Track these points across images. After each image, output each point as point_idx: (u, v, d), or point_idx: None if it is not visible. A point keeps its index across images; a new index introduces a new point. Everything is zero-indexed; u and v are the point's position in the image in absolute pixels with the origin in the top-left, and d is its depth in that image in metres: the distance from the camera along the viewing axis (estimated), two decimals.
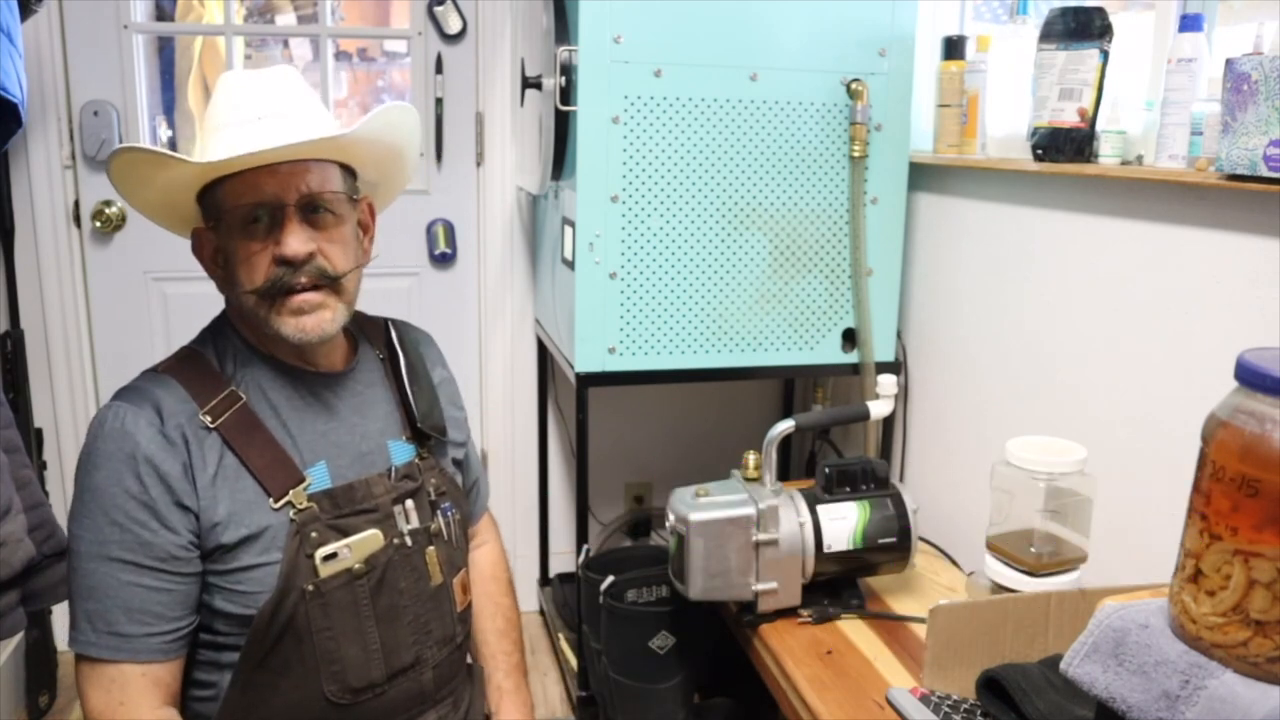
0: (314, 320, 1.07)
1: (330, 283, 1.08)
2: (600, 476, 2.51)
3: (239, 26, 2.27)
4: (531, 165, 2.04)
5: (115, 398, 1.07)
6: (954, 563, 1.67)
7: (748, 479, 1.41)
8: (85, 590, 1.03)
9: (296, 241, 1.04)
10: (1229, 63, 1.14)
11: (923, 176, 1.89)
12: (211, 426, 1.05)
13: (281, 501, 1.06)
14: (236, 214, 1.05)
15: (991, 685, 1.05)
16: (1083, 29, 1.45)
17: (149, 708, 1.03)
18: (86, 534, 1.03)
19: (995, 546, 1.35)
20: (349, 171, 1.14)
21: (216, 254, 1.11)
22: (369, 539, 1.10)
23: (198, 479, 1.04)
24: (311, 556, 1.06)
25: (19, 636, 2.04)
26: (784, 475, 1.50)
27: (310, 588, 1.05)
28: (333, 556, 1.07)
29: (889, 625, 1.39)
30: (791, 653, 1.31)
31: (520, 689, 1.33)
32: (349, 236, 1.12)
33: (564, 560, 2.55)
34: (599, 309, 1.76)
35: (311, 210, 1.07)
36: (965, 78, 1.77)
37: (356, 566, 1.09)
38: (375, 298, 1.16)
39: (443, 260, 2.38)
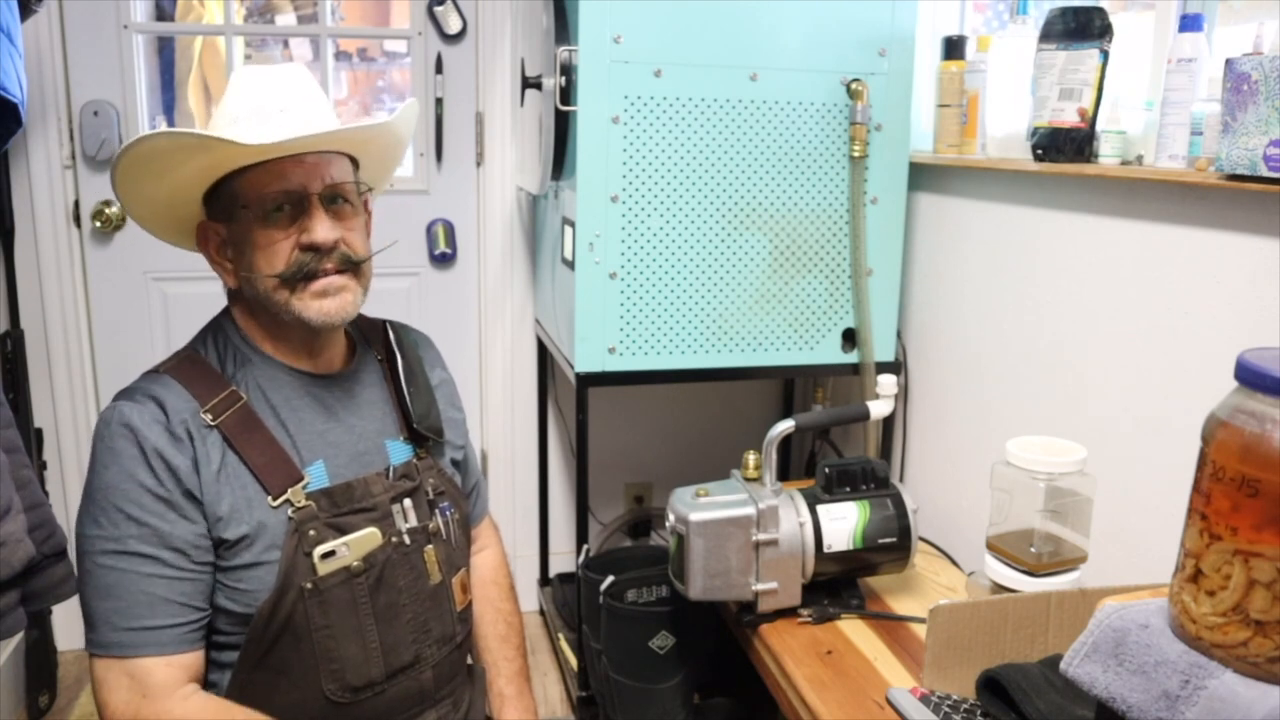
0: (337, 303, 1.09)
1: (353, 268, 1.11)
2: (600, 476, 2.51)
3: (239, 26, 2.27)
4: (531, 165, 2.04)
5: (117, 398, 1.07)
6: (954, 563, 1.67)
7: (748, 479, 1.41)
8: (103, 589, 1.02)
9: (324, 229, 1.07)
10: (1229, 63, 1.14)
11: (923, 176, 1.89)
12: (212, 424, 1.06)
13: (280, 500, 1.06)
14: (262, 203, 1.07)
15: (991, 685, 1.05)
16: (1083, 29, 1.45)
17: (180, 698, 1.02)
18: (102, 532, 1.02)
19: (995, 546, 1.35)
20: (355, 166, 1.17)
21: (224, 246, 1.12)
22: (367, 537, 1.10)
23: (203, 473, 1.04)
24: (310, 555, 1.06)
25: (19, 636, 2.04)
26: (784, 475, 1.50)
27: (309, 586, 1.06)
28: (331, 554, 1.07)
29: (889, 625, 1.39)
30: (791, 653, 1.31)
31: (523, 694, 1.33)
32: (364, 225, 1.15)
33: (564, 560, 2.55)
34: (599, 309, 1.76)
35: (332, 200, 1.10)
36: (965, 78, 1.77)
37: (355, 565, 1.09)
38: (375, 298, 1.17)
39: (443, 260, 2.38)
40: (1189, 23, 1.32)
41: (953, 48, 1.80)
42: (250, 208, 1.07)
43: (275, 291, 1.08)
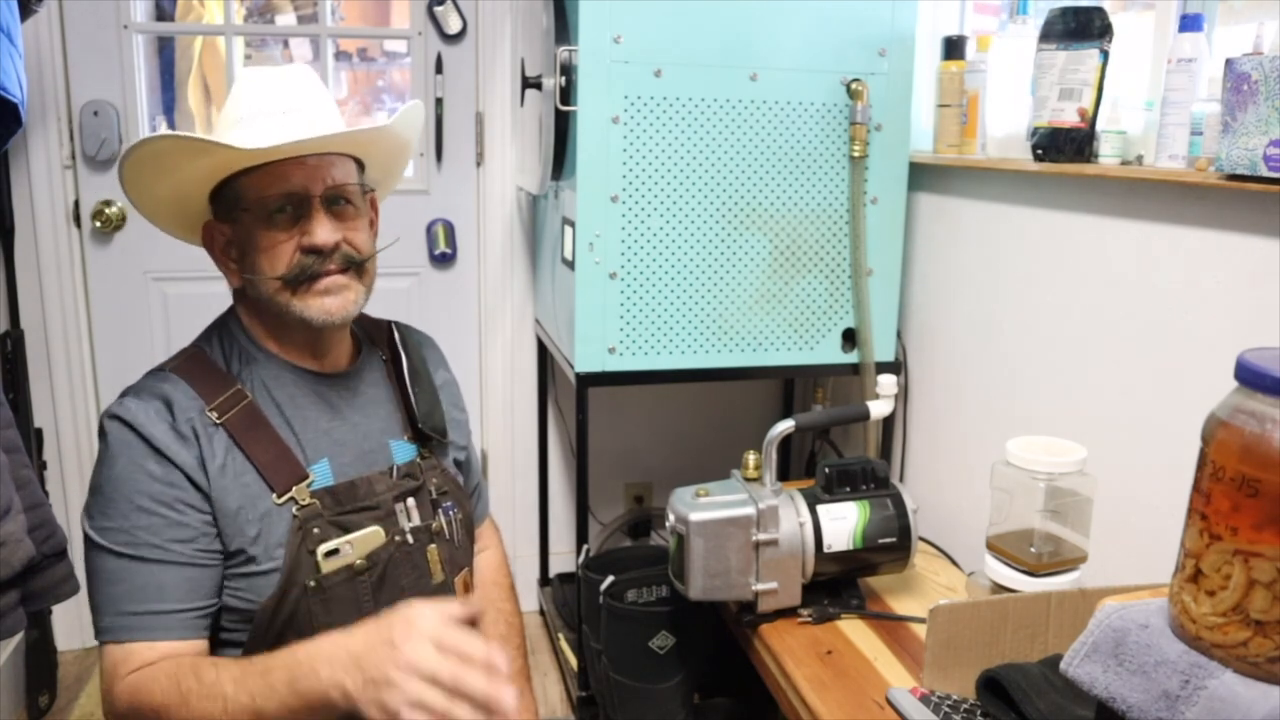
0: (339, 301, 1.10)
1: (356, 266, 1.12)
2: (600, 476, 2.51)
3: (239, 26, 2.27)
4: (531, 165, 2.04)
5: (123, 396, 1.07)
6: (954, 563, 1.67)
7: (748, 479, 1.41)
8: (111, 576, 1.02)
9: (325, 231, 1.07)
10: (1229, 63, 1.14)
11: (923, 176, 1.89)
12: (218, 422, 1.06)
13: (285, 498, 1.07)
14: (263, 205, 1.07)
15: (991, 685, 1.06)
16: (1083, 29, 1.45)
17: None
18: (110, 524, 1.02)
19: (995, 546, 1.35)
20: (360, 167, 1.17)
21: (229, 246, 1.13)
22: (370, 535, 1.10)
23: (209, 469, 1.04)
24: (314, 552, 1.06)
25: (19, 636, 2.04)
26: (784, 475, 1.50)
27: (312, 583, 1.06)
28: (335, 553, 1.07)
29: (889, 625, 1.39)
30: (791, 653, 1.31)
31: (523, 695, 1.33)
32: (367, 225, 1.16)
33: (564, 560, 2.55)
34: (599, 309, 1.76)
35: (333, 202, 1.10)
36: (965, 78, 1.77)
37: (358, 563, 1.09)
38: (375, 297, 1.17)
39: (443, 260, 2.38)
40: (1189, 23, 1.32)
41: (953, 48, 1.80)
42: (252, 210, 1.08)
43: (278, 293, 1.09)
